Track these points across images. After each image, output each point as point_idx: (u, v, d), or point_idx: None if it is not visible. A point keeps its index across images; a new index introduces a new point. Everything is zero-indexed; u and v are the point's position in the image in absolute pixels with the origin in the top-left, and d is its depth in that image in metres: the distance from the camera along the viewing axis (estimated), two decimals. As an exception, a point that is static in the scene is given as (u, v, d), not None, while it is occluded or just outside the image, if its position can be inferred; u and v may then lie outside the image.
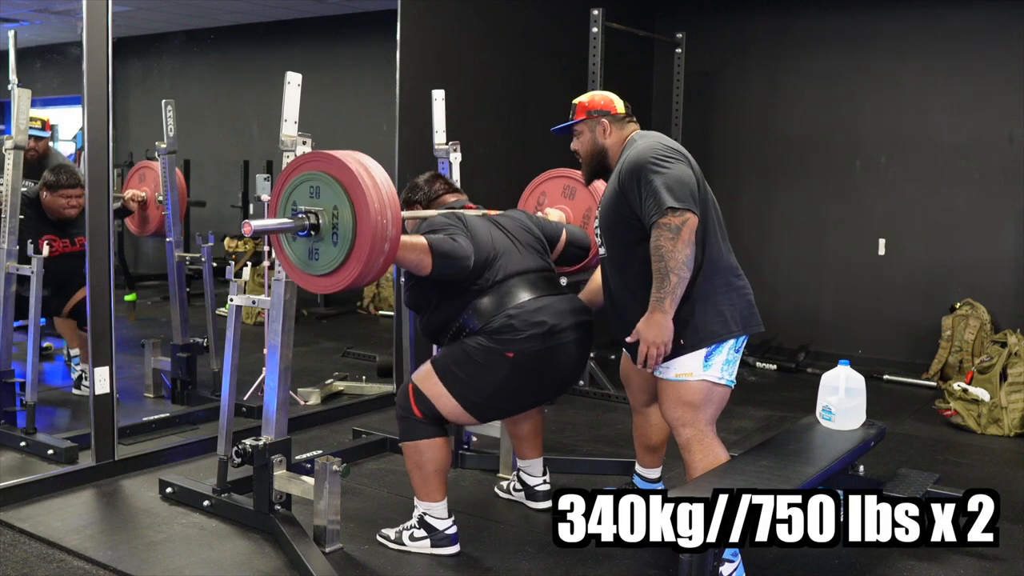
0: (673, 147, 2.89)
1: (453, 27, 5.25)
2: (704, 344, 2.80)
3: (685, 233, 2.68)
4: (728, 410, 5.02)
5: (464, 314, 3.01)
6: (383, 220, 2.54)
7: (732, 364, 2.87)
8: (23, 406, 4.00)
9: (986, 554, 3.17)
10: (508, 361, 2.94)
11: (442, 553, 3.06)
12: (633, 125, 3.05)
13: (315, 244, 2.66)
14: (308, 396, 4.87)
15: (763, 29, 6.66)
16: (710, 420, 2.88)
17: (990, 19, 5.83)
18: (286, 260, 2.78)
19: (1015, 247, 5.82)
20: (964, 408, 4.75)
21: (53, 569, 2.91)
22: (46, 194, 4.40)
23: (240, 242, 6.94)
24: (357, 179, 2.54)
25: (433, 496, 3.06)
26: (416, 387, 3.04)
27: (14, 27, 5.37)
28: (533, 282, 3.07)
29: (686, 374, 2.82)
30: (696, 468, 2.88)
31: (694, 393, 2.83)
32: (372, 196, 2.53)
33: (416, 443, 3.02)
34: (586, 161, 3.07)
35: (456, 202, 3.30)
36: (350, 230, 2.56)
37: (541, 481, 3.49)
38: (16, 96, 4.04)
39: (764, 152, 6.68)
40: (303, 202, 2.66)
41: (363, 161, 2.62)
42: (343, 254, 2.59)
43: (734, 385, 2.91)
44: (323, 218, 2.62)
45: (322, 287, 2.70)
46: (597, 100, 3.04)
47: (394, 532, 3.14)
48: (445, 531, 3.07)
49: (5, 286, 4.04)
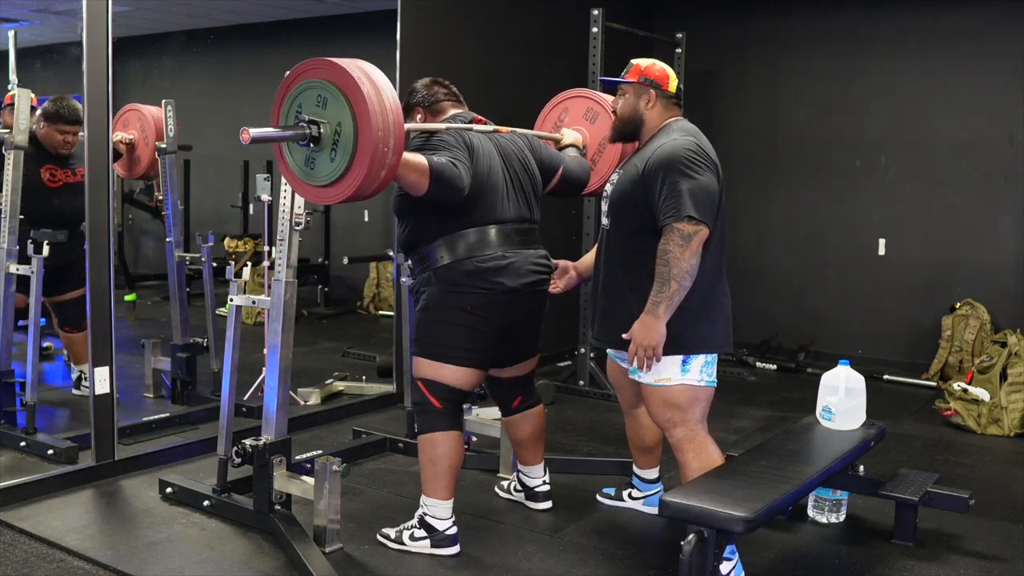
0: (708, 152, 2.85)
1: (453, 27, 5.25)
2: (678, 353, 2.81)
3: (695, 243, 2.69)
4: (728, 410, 5.09)
5: (434, 243, 3.01)
6: (384, 146, 2.47)
7: (711, 365, 2.88)
8: (23, 406, 4.00)
9: (986, 554, 3.17)
10: (467, 313, 2.99)
11: (442, 553, 3.05)
12: (677, 110, 3.01)
13: (313, 154, 2.57)
14: (308, 396, 4.87)
15: (763, 29, 6.66)
16: (699, 419, 2.90)
17: (990, 19, 5.83)
18: (284, 166, 2.69)
19: (1015, 247, 5.82)
20: (964, 408, 4.75)
21: (53, 569, 2.91)
22: (43, 124, 4.29)
23: (240, 242, 6.94)
24: (365, 99, 2.44)
25: (441, 493, 3.05)
26: (421, 379, 3.07)
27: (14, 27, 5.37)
28: (507, 234, 3.05)
29: (665, 379, 2.84)
30: (690, 468, 2.89)
31: (677, 396, 2.85)
32: (378, 121, 2.45)
33: (433, 436, 3.03)
34: (620, 122, 3.02)
35: (462, 115, 3.20)
36: (351, 148, 2.48)
37: (541, 482, 3.49)
38: (16, 96, 4.04)
39: (764, 152, 6.68)
40: (309, 110, 2.55)
41: (374, 79, 2.51)
42: (341, 169, 2.51)
43: (713, 386, 2.91)
44: (325, 130, 2.52)
45: (319, 197, 2.65)
46: (654, 70, 2.96)
47: (394, 532, 3.13)
48: (445, 531, 3.06)
49: (5, 286, 4.04)
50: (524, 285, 3.05)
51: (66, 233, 4.27)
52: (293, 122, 2.57)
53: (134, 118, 4.75)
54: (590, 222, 5.25)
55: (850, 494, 3.44)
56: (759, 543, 3.16)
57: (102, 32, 3.51)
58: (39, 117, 4.31)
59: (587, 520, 3.41)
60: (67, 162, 4.38)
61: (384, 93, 2.50)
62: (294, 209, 3.13)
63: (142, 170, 4.84)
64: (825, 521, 3.40)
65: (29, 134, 4.16)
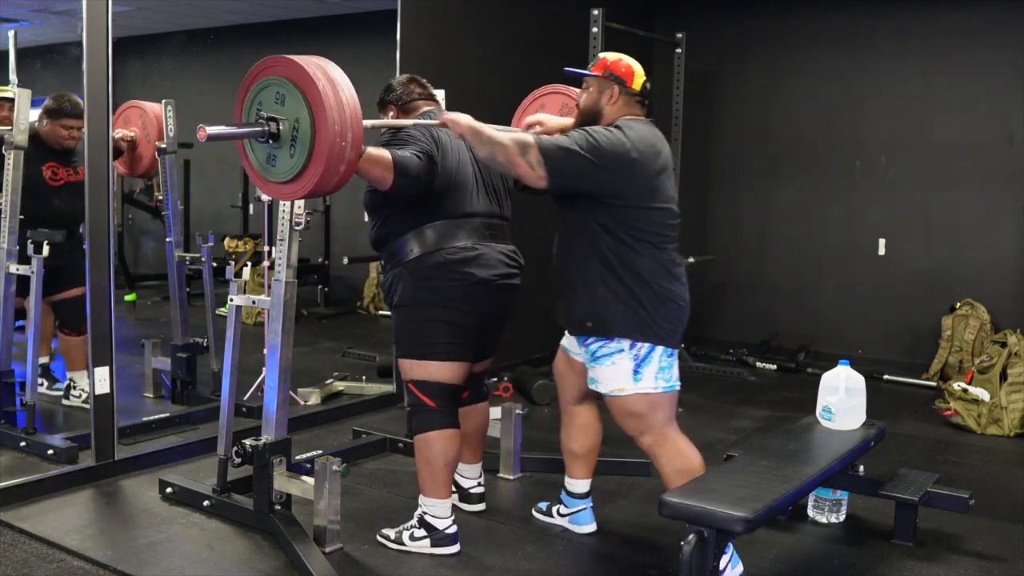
0: (622, 146, 2.73)
1: (453, 27, 5.25)
2: (603, 336, 2.80)
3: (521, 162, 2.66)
4: (728, 410, 5.09)
5: (403, 238, 3.01)
6: (342, 141, 2.49)
7: (668, 370, 2.85)
8: (23, 406, 4.00)
9: (986, 554, 3.17)
10: (443, 307, 3.00)
11: (442, 553, 3.05)
12: (639, 108, 2.96)
13: (274, 151, 2.60)
14: (308, 396, 4.86)
15: (763, 29, 6.66)
16: (665, 422, 2.88)
17: (990, 19, 5.83)
18: (248, 165, 2.71)
19: (1015, 247, 5.82)
20: (964, 408, 4.75)
21: (53, 569, 2.91)
22: (46, 122, 4.27)
23: (240, 242, 6.94)
24: (321, 95, 2.47)
25: (439, 492, 3.06)
26: (411, 381, 3.06)
27: (14, 27, 5.37)
28: (476, 228, 3.06)
29: (618, 390, 2.84)
30: (666, 472, 2.88)
31: (633, 405, 2.84)
32: (334, 116, 2.47)
33: (427, 435, 3.03)
34: (581, 116, 2.99)
35: (431, 111, 3.19)
36: (308, 144, 2.51)
37: (476, 483, 3.44)
38: (16, 96, 4.04)
39: (764, 152, 6.68)
40: (268, 107, 2.58)
41: (331, 75, 2.54)
42: (299, 166, 2.54)
43: (677, 387, 2.89)
44: (284, 126, 2.55)
45: (281, 193, 2.68)
46: (620, 65, 2.93)
47: (394, 532, 3.13)
48: (445, 530, 3.06)
49: (5, 286, 4.04)
50: (495, 276, 3.06)
51: (64, 233, 4.25)
52: (253, 119, 2.60)
53: (135, 115, 4.74)
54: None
55: (850, 494, 3.44)
56: (759, 543, 3.16)
57: (102, 32, 3.51)
58: (41, 115, 4.29)
59: (587, 520, 3.40)
60: (70, 160, 4.36)
61: (341, 88, 2.52)
62: (294, 209, 3.13)
63: (144, 168, 4.82)
64: (825, 521, 3.40)
65: (31, 133, 4.17)
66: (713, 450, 4.32)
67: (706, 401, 5.29)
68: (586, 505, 3.27)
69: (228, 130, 2.60)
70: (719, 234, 6.86)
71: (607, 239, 2.78)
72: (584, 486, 3.27)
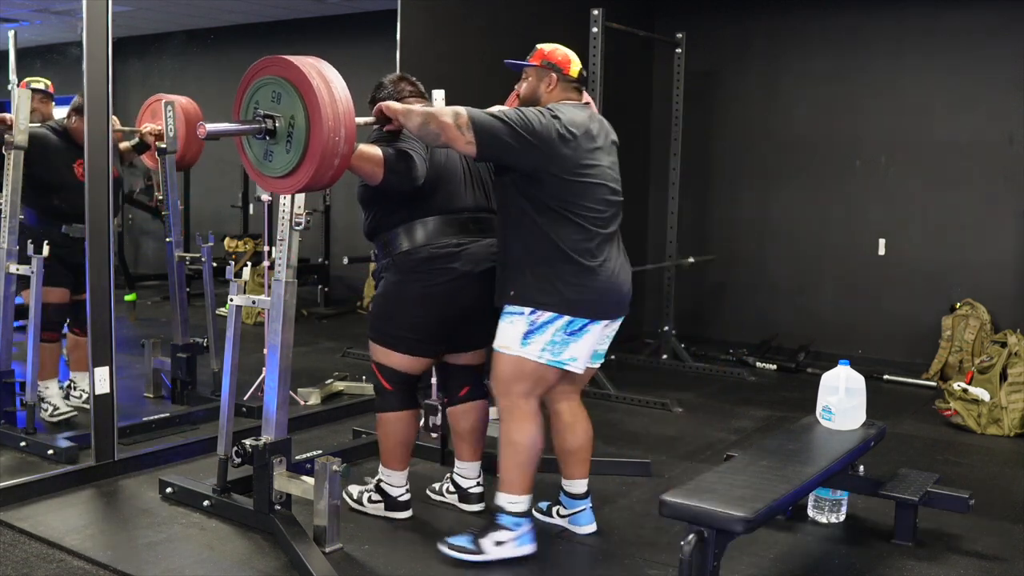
0: (546, 123, 2.83)
1: (453, 27, 5.25)
2: (527, 304, 2.89)
3: (451, 126, 2.74)
4: (728, 410, 5.09)
5: (396, 230, 3.15)
6: (335, 136, 2.61)
7: (560, 346, 2.91)
8: (23, 406, 4.00)
9: (986, 554, 3.17)
10: (418, 304, 3.14)
11: (395, 517, 3.31)
12: (576, 94, 3.07)
13: (270, 147, 2.72)
14: (308, 396, 4.87)
15: (763, 29, 6.66)
16: (525, 394, 2.96)
17: (990, 19, 5.82)
18: (246, 160, 2.84)
19: (1015, 247, 5.82)
20: (964, 408, 4.75)
21: (53, 569, 2.91)
22: (75, 119, 4.26)
23: (240, 242, 6.95)
24: (315, 93, 2.59)
25: (393, 464, 3.31)
26: (374, 363, 3.27)
27: (14, 27, 5.37)
28: (464, 223, 3.18)
29: (504, 347, 2.95)
30: (504, 440, 2.98)
31: (508, 365, 2.95)
32: (327, 113, 2.59)
33: (386, 415, 3.27)
34: (521, 104, 3.11)
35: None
36: (303, 140, 2.63)
37: (475, 483, 3.45)
38: (16, 96, 4.04)
39: (764, 152, 6.68)
40: (265, 105, 2.70)
41: (325, 74, 2.65)
42: (295, 161, 2.66)
43: (569, 366, 2.95)
44: (280, 124, 2.68)
45: (278, 188, 2.80)
46: (556, 54, 3.07)
47: (356, 492, 3.40)
48: (398, 498, 3.32)
49: (5, 286, 4.04)
50: (481, 271, 3.15)
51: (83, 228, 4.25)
52: (250, 117, 2.72)
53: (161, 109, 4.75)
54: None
55: (850, 494, 3.44)
56: (759, 543, 3.16)
57: (102, 32, 3.51)
58: (70, 111, 4.32)
59: (587, 520, 3.40)
60: None
61: (334, 86, 2.64)
62: (294, 209, 3.14)
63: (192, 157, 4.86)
64: (825, 521, 3.40)
65: (61, 128, 4.24)
66: (713, 450, 4.33)
67: (706, 401, 5.30)
68: (585, 506, 3.27)
69: (227, 127, 2.72)
70: (719, 234, 6.86)
71: (534, 214, 2.89)
72: (582, 486, 3.26)
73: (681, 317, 6.51)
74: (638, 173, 7.02)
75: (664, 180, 6.36)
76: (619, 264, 3.01)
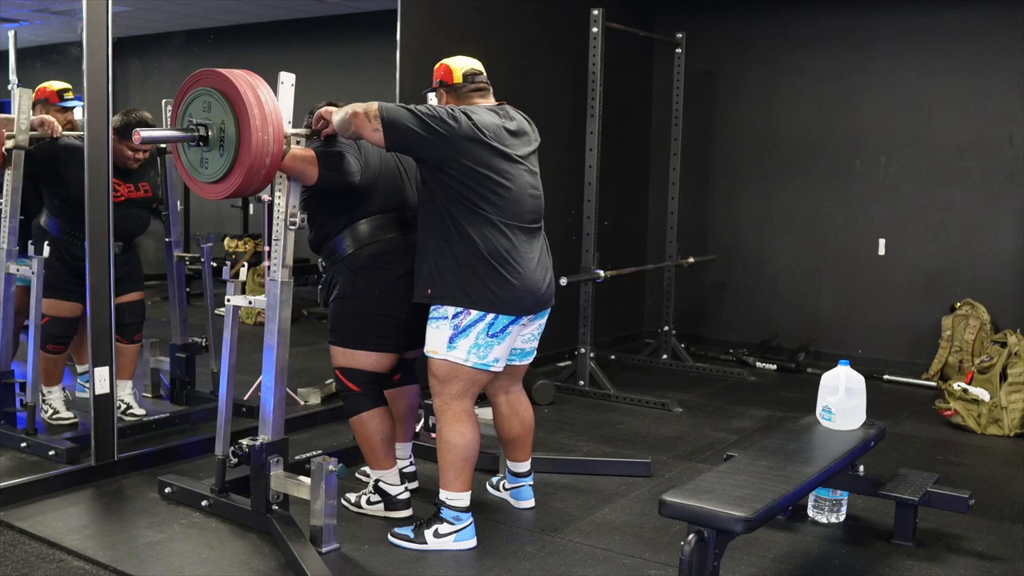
0: (477, 124, 2.92)
1: (453, 27, 5.25)
2: (444, 302, 2.98)
3: (364, 119, 2.86)
4: (728, 410, 5.09)
5: (341, 233, 3.25)
6: (264, 136, 2.79)
7: (485, 348, 3.00)
8: (23, 406, 3.99)
9: (986, 554, 3.17)
10: (376, 299, 3.20)
11: (395, 516, 3.29)
12: (477, 95, 3.11)
13: (205, 154, 2.91)
14: (308, 396, 4.87)
15: (763, 29, 6.66)
16: (457, 395, 3.04)
17: (990, 19, 5.82)
18: (182, 167, 3.01)
19: (1015, 247, 5.82)
20: (964, 408, 4.75)
21: (53, 569, 2.91)
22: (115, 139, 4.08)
23: (240, 242, 6.95)
24: (242, 97, 2.78)
25: (383, 464, 3.31)
26: (338, 368, 3.28)
27: (14, 27, 5.37)
28: (406, 220, 3.27)
29: (432, 351, 3.04)
30: (439, 439, 3.06)
31: (438, 368, 3.04)
32: (255, 113, 2.78)
33: (360, 416, 3.27)
34: None
35: None
36: (234, 143, 2.81)
37: (408, 463, 3.61)
38: (16, 96, 4.04)
39: (764, 152, 6.68)
40: (197, 115, 2.89)
41: (252, 81, 2.84)
42: (228, 164, 2.83)
43: (494, 368, 3.04)
44: (211, 131, 2.86)
45: (211, 193, 2.94)
46: (438, 70, 3.16)
47: (355, 497, 3.41)
48: (398, 496, 3.32)
49: (5, 286, 4.03)
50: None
51: (120, 245, 4.22)
52: (184, 126, 2.92)
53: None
54: (590, 222, 5.25)
55: (850, 494, 3.44)
56: (759, 543, 3.16)
57: (102, 32, 3.52)
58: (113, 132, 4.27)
59: (587, 520, 3.41)
60: (132, 177, 4.32)
61: (260, 91, 2.84)
62: (289, 208, 3.14)
63: None
64: (825, 521, 3.40)
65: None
66: (713, 450, 4.33)
67: (706, 401, 5.30)
68: (526, 483, 3.48)
69: (162, 134, 3.03)
70: (719, 234, 6.86)
71: (451, 209, 2.95)
72: (524, 466, 3.47)
73: (681, 317, 6.51)
74: (638, 173, 7.03)
75: (664, 180, 6.37)
76: (538, 261, 3.08)
